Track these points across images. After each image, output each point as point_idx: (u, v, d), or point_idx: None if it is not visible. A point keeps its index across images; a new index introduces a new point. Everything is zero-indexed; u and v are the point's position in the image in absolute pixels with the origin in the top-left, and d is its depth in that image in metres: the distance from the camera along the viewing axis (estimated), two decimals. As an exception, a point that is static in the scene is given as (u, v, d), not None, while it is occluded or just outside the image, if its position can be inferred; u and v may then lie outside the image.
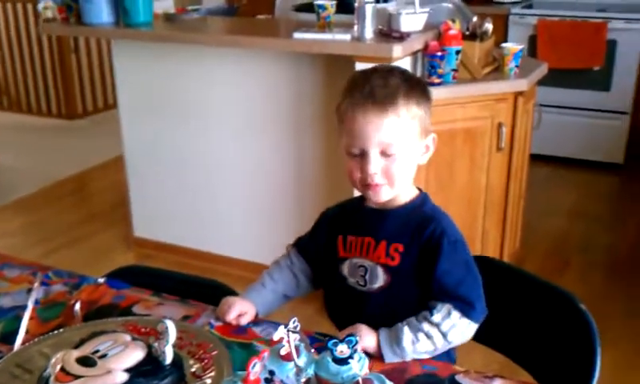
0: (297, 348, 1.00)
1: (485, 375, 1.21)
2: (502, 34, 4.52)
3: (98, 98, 6.41)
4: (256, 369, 0.91)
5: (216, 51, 3.14)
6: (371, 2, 2.67)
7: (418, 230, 1.39)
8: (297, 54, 2.93)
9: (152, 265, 2.49)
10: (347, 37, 2.67)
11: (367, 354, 1.14)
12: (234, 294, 1.53)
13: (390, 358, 1.28)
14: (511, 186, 2.91)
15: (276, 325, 1.37)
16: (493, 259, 1.60)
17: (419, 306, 1.38)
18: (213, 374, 1.21)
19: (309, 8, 3.50)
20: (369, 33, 2.65)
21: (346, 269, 1.46)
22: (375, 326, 1.34)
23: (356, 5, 2.67)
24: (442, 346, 1.32)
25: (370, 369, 1.08)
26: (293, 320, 0.99)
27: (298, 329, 0.99)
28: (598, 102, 4.55)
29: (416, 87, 1.38)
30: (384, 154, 1.35)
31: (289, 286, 1.54)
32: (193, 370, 1.23)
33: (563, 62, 4.43)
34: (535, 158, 3.23)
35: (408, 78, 1.40)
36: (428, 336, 1.30)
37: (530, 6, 4.81)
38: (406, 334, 1.29)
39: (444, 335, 1.31)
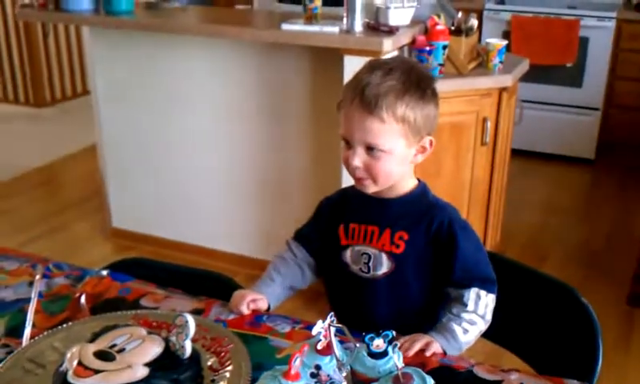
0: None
1: (501, 368, 1.22)
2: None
3: (67, 85, 6.29)
4: (297, 363, 0.91)
5: (197, 41, 3.11)
6: (360, -5, 2.67)
7: (424, 219, 1.43)
8: (281, 45, 2.92)
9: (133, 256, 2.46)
10: (335, 29, 2.67)
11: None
12: (239, 287, 1.53)
13: (452, 353, 1.33)
14: (494, 180, 2.96)
15: (290, 320, 1.38)
16: (493, 254, 1.62)
17: (423, 291, 1.45)
18: (231, 367, 1.21)
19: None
20: (358, 26, 2.65)
21: (348, 256, 1.48)
22: (380, 312, 1.44)
23: (346, -4, 2.68)
24: (484, 326, 1.41)
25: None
26: (330, 315, 0.99)
27: (335, 323, 0.99)
28: (570, 98, 4.63)
29: (412, 90, 1.35)
30: (369, 150, 1.36)
31: (295, 278, 1.55)
32: (209, 363, 1.23)
33: (536, 58, 4.46)
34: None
35: (408, 78, 1.36)
36: (472, 323, 1.38)
37: (503, 2, 4.87)
38: (456, 328, 1.36)
39: (482, 317, 1.40)
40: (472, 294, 1.39)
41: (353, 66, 2.56)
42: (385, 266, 1.43)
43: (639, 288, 3.09)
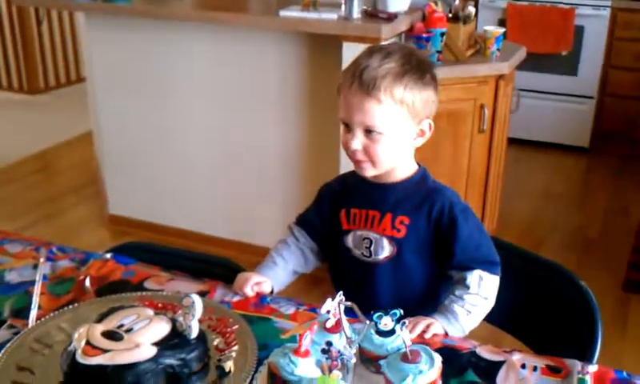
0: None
1: (503, 349, 1.24)
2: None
3: (61, 72, 6.27)
4: (307, 341, 0.92)
5: (194, 27, 3.11)
6: (357, -19, 2.68)
7: (424, 203, 1.44)
8: (279, 32, 2.92)
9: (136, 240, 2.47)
10: (334, 16, 2.67)
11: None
12: (243, 270, 1.53)
13: (454, 334, 1.35)
14: (491, 168, 2.98)
15: (293, 301, 1.39)
16: (493, 237, 1.63)
17: (425, 275, 1.47)
18: (237, 347, 1.22)
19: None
20: (356, 12, 2.65)
21: (350, 241, 1.50)
22: (383, 296, 1.45)
23: (344, -17, 2.68)
24: (487, 308, 1.42)
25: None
26: (339, 293, 1.01)
27: (344, 301, 1.00)
28: (565, 86, 4.65)
29: (411, 72, 1.36)
30: (367, 133, 1.37)
31: (298, 262, 1.56)
32: (215, 343, 1.24)
33: (532, 47, 4.46)
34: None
35: (408, 61, 1.37)
36: (474, 305, 1.39)
37: (499, -10, 4.87)
38: (459, 310, 1.38)
39: (486, 298, 1.41)
40: (475, 275, 1.40)
41: (351, 52, 2.54)
42: (386, 250, 1.45)
43: (634, 274, 3.12)
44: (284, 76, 3.01)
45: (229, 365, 1.18)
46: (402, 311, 1.04)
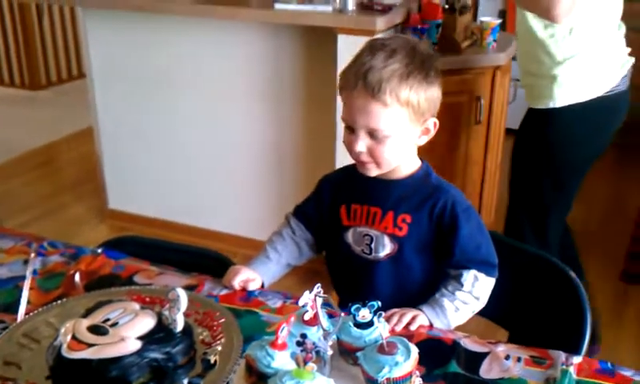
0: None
1: (488, 341, 1.24)
2: (472, 8, 4.55)
3: (62, 68, 6.28)
4: (284, 333, 0.93)
5: (191, 21, 3.11)
6: (352, -27, 2.67)
7: (427, 201, 1.42)
8: (274, 24, 2.92)
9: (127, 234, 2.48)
10: (329, 8, 2.67)
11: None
12: (233, 264, 1.54)
13: (439, 328, 1.34)
14: (488, 159, 2.97)
15: (281, 295, 1.40)
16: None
17: (425, 272, 1.45)
18: (223, 340, 1.23)
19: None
20: (351, 4, 2.65)
21: (350, 237, 1.48)
22: (383, 293, 1.41)
23: (338, -25, 2.67)
24: (477, 307, 1.42)
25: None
26: (317, 286, 1.01)
27: (322, 294, 1.01)
28: (565, 77, 4.62)
29: (416, 72, 1.33)
30: (371, 135, 1.35)
31: (292, 255, 1.55)
32: (201, 337, 1.25)
33: (532, 37, 4.47)
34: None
35: (412, 60, 1.34)
36: (465, 303, 1.39)
37: (499, -19, 4.85)
38: (448, 305, 1.37)
39: (477, 298, 1.40)
40: (470, 275, 1.39)
41: (346, 44, 2.57)
42: (387, 248, 1.43)
43: (632, 265, 3.11)
44: (279, 69, 3.01)
45: (214, 358, 1.19)
46: (379, 303, 1.04)
